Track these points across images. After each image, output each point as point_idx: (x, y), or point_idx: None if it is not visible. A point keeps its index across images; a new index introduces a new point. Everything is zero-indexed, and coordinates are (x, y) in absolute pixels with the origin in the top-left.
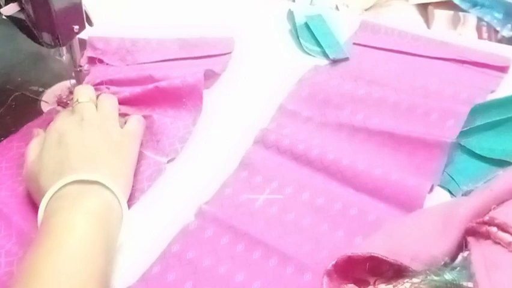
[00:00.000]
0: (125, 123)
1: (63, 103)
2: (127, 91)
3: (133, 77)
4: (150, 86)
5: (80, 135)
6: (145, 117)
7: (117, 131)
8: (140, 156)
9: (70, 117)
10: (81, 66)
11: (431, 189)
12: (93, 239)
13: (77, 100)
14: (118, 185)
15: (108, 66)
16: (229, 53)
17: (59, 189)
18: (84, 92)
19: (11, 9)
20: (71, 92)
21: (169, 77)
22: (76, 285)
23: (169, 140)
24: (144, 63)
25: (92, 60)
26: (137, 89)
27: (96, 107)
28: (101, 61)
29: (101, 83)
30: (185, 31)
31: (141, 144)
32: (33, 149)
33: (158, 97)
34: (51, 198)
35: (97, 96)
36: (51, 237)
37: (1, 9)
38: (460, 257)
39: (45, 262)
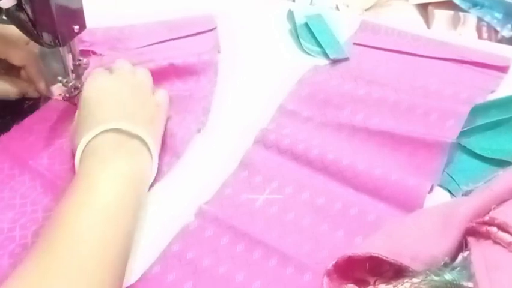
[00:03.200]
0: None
1: (65, 98)
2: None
3: (135, 63)
4: (165, 63)
5: (122, 92)
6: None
7: (153, 98)
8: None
9: (109, 77)
10: (80, 60)
11: (431, 189)
12: (120, 201)
13: (118, 67)
14: (154, 144)
15: (101, 57)
16: (215, 28)
17: (97, 137)
18: (126, 63)
19: (10, 1)
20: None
21: (170, 58)
22: (98, 241)
23: (192, 116)
24: (137, 48)
25: (86, 53)
26: (150, 65)
27: None
28: (94, 53)
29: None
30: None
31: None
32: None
33: (172, 74)
34: (87, 150)
35: None
36: (79, 195)
37: (1, 2)
38: (460, 257)
39: (70, 218)
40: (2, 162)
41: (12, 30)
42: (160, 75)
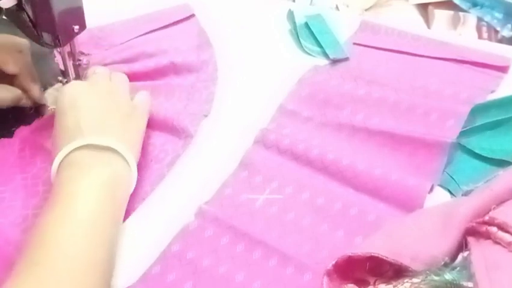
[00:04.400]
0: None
1: None
2: (138, 65)
3: (127, 57)
4: (165, 61)
5: (92, 101)
6: (162, 87)
7: (128, 103)
8: (158, 140)
9: (82, 83)
10: (80, 60)
11: (431, 189)
12: (101, 209)
13: (93, 72)
14: (129, 152)
15: (89, 56)
16: (193, 15)
17: (71, 153)
18: (99, 68)
19: (10, 1)
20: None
21: (161, 49)
22: (82, 253)
23: (194, 104)
24: (121, 43)
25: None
26: (150, 63)
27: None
28: (82, 53)
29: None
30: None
31: (159, 127)
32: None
33: (171, 72)
34: (63, 163)
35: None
36: (60, 206)
37: (1, 2)
38: (460, 257)
39: (53, 229)
40: (22, 150)
41: (5, 38)
42: (159, 73)
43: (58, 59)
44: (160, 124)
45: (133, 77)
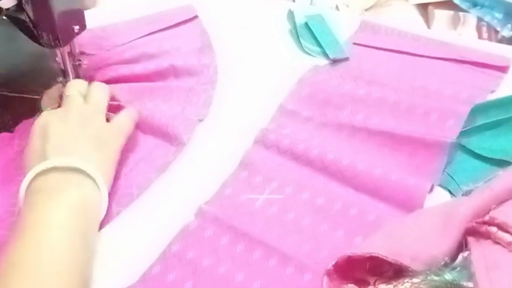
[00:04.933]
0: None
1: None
2: (139, 67)
3: (128, 58)
4: (165, 64)
5: (61, 127)
6: (160, 89)
7: (101, 125)
8: (151, 143)
9: (55, 111)
10: (80, 60)
11: (431, 189)
12: (72, 233)
13: (66, 94)
14: (97, 172)
15: (91, 56)
16: (196, 16)
17: (37, 178)
18: (73, 86)
19: (10, 2)
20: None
21: (162, 50)
22: (55, 278)
23: (192, 107)
24: (123, 44)
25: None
26: (150, 66)
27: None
28: (84, 53)
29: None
30: None
31: (152, 131)
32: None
33: (171, 75)
34: (30, 189)
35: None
36: (29, 232)
37: (1, 2)
38: (460, 257)
39: (24, 256)
40: (20, 145)
41: None
42: (158, 76)
43: (59, 58)
44: (154, 128)
45: (133, 79)
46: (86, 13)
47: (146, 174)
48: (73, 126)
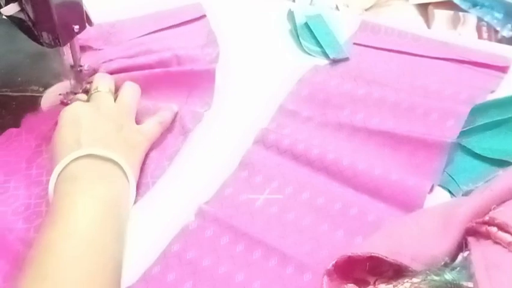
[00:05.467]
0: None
1: (64, 104)
2: (142, 58)
3: (134, 53)
4: (168, 54)
5: (95, 120)
6: (163, 77)
7: (131, 129)
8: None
9: (86, 103)
10: (81, 66)
11: (431, 189)
12: (104, 226)
13: (96, 88)
14: (128, 166)
15: (98, 51)
16: (204, 15)
17: (70, 165)
18: (104, 82)
19: (12, 9)
20: (71, 92)
21: (168, 47)
22: (87, 269)
23: (195, 94)
24: (130, 40)
25: (83, 48)
26: (153, 56)
27: (115, 97)
28: (91, 47)
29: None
30: None
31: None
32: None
33: (174, 65)
34: (61, 176)
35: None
36: (61, 221)
37: (1, 10)
38: (460, 257)
39: (56, 244)
40: (28, 140)
41: None
42: (161, 65)
43: (67, 54)
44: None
45: (136, 69)
46: (95, 9)
47: (159, 163)
48: (105, 124)
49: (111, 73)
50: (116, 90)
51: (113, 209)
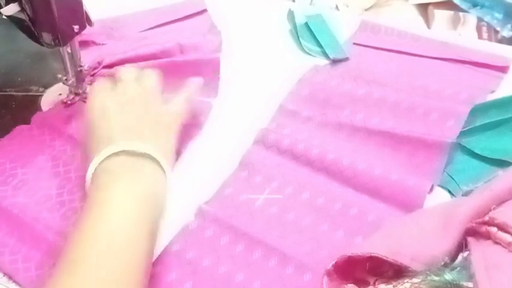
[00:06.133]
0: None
1: (64, 104)
2: (144, 49)
3: (136, 47)
4: (171, 43)
5: (124, 107)
6: (167, 66)
7: (160, 110)
8: None
9: (111, 93)
10: (81, 66)
11: (431, 189)
12: (139, 221)
13: (120, 78)
14: (164, 159)
15: (101, 46)
16: (205, 10)
17: (105, 161)
18: (127, 72)
19: (12, 9)
20: (71, 92)
21: (171, 40)
22: (120, 262)
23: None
24: (133, 34)
25: (86, 44)
26: (156, 46)
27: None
28: (94, 42)
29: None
30: None
31: None
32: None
33: (177, 53)
34: (99, 171)
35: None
36: (98, 212)
37: (1, 10)
38: (460, 257)
39: (90, 234)
40: (40, 134)
41: None
42: (165, 54)
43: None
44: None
45: (139, 59)
46: (97, 5)
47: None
48: (134, 111)
49: (115, 64)
50: None
51: (148, 203)
